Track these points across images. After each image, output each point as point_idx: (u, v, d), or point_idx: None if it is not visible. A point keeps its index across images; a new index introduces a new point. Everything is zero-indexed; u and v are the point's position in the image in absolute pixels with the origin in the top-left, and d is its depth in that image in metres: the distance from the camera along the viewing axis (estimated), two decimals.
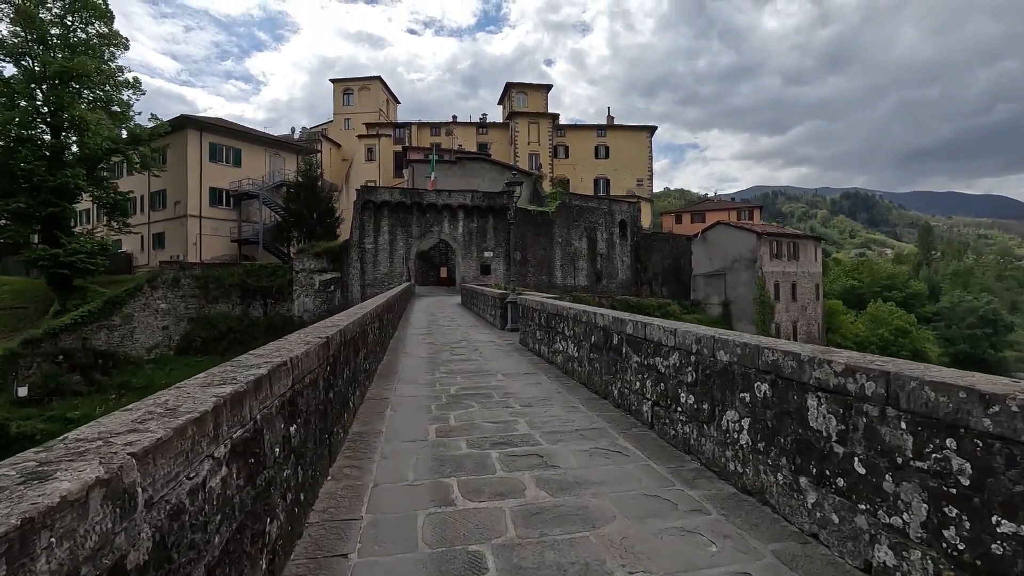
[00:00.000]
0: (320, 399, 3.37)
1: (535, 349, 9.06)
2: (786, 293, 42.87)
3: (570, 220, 42.24)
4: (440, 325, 14.53)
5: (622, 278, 45.84)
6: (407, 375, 7.19)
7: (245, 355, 2.71)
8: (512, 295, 12.81)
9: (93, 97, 35.59)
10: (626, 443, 4.19)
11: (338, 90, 64.09)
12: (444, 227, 36.88)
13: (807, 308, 44.60)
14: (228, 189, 42.71)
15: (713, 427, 3.49)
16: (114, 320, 34.84)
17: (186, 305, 38.14)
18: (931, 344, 62.75)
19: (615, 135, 63.60)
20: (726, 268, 43.33)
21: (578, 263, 42.40)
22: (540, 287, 38.06)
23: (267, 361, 2.52)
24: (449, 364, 8.06)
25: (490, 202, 37.13)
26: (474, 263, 37.34)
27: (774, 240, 42.00)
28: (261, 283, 39.88)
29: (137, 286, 36.03)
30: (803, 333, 43.96)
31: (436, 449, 4.14)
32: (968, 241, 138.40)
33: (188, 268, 38.39)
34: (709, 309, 44.64)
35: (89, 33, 34.79)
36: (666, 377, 4.22)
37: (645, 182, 64.18)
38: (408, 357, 8.82)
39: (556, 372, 7.28)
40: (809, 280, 45.11)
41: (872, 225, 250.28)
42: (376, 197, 35.41)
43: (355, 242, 35.89)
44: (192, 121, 41.13)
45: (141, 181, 43.16)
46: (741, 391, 3.20)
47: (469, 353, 9.20)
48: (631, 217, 46.43)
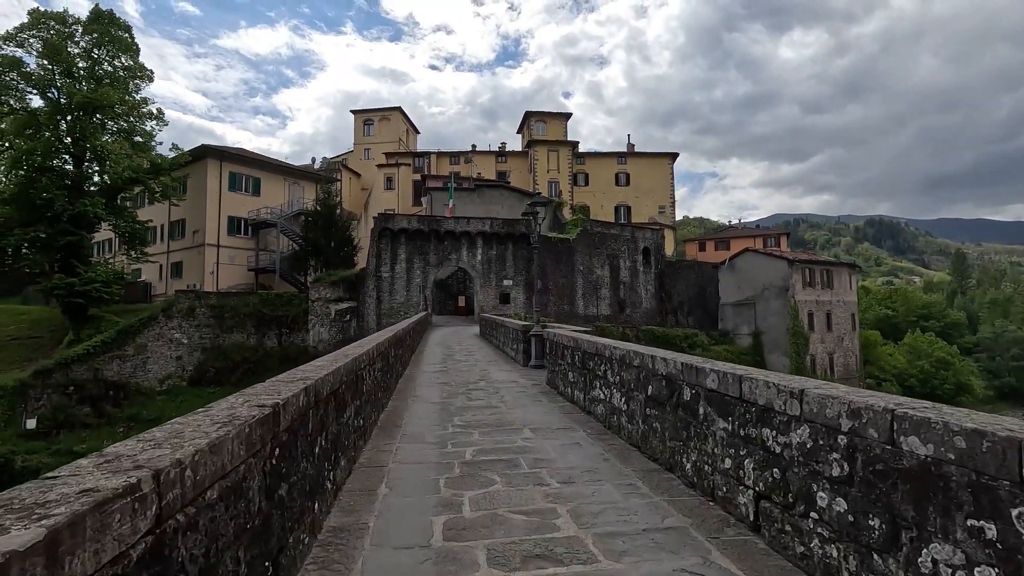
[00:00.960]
0: (248, 514, 2.07)
1: (567, 393, 7.67)
2: (821, 323, 40.71)
3: (591, 248, 41.00)
4: (456, 360, 13.21)
5: (646, 307, 44.18)
6: (413, 429, 5.87)
7: (64, 469, 1.43)
8: (536, 327, 11.48)
9: (117, 128, 35.95)
10: (727, 562, 2.79)
11: (358, 121, 64.70)
12: (462, 255, 35.90)
13: (843, 339, 42.26)
14: (246, 218, 42.57)
15: (899, 563, 2.09)
16: (127, 350, 34.28)
17: (200, 335, 37.57)
18: (976, 377, 59.25)
19: (636, 162, 62.76)
20: (756, 297, 41.44)
21: (600, 292, 40.94)
22: (561, 317, 36.64)
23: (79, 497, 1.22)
24: (465, 413, 6.72)
25: (509, 229, 36.15)
26: (493, 292, 36.17)
27: (807, 268, 40.10)
28: (276, 312, 39.28)
29: (151, 315, 35.57)
30: (840, 366, 41.53)
31: (443, 566, 2.80)
32: (1004, 268, 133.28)
33: (203, 297, 37.96)
34: (738, 340, 42.59)
35: (115, 66, 35.31)
36: (784, 461, 2.83)
37: (667, 209, 62.91)
38: (417, 402, 7.50)
39: (597, 427, 5.89)
40: (844, 309, 42.89)
41: (898, 253, 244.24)
42: (393, 225, 34.70)
43: (371, 271, 35.07)
44: (212, 151, 41.33)
45: (161, 210, 43.33)
46: (971, 516, 1.82)
47: (488, 398, 7.84)
48: (655, 244, 45.02)
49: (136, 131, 36.35)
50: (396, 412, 6.75)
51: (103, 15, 33.21)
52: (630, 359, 5.07)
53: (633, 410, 5.01)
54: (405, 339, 12.22)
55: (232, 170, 42.16)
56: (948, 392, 53.98)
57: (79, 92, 31.39)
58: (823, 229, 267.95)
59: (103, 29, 33.18)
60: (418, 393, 8.25)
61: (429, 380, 9.81)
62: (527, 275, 36.82)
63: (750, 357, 41.15)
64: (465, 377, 10.11)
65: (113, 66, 35.22)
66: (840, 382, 23.11)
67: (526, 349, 11.80)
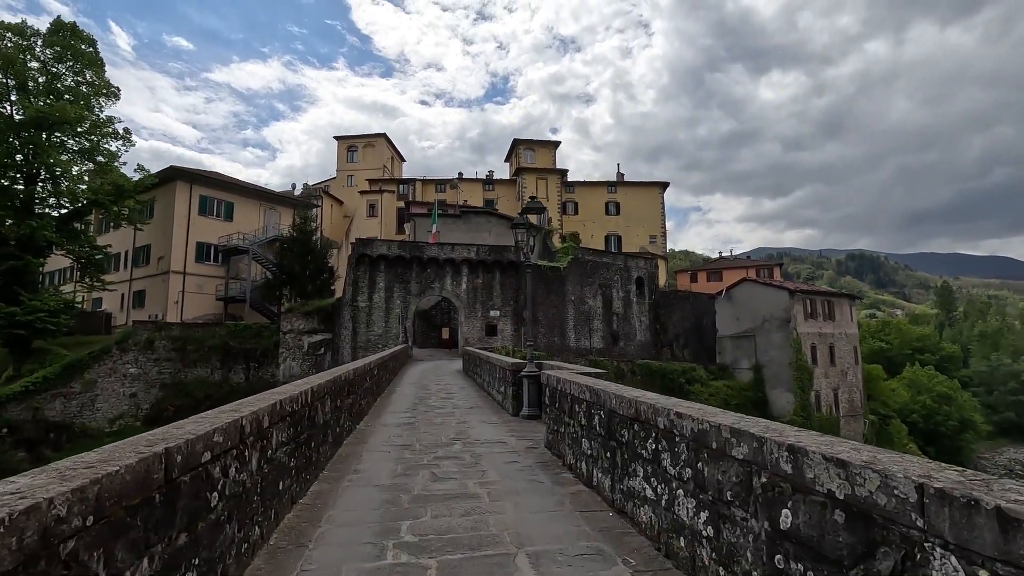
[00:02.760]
0: None
1: (579, 470, 5.21)
2: (823, 357, 38.61)
3: (583, 277, 38.87)
4: (430, 407, 10.66)
5: (640, 340, 41.89)
6: (329, 553, 3.40)
7: None
8: (529, 366, 9.06)
9: (79, 147, 33.59)
10: None
11: (342, 147, 62.96)
12: (446, 283, 33.51)
13: (847, 374, 40.15)
14: (217, 244, 39.92)
15: None
16: (73, 387, 31.04)
17: (159, 369, 34.50)
18: (977, 413, 57.38)
19: (626, 191, 61.52)
20: (755, 329, 39.36)
21: (593, 323, 38.62)
22: (552, 350, 34.17)
23: None
24: (423, 510, 4.21)
25: (497, 256, 33.95)
26: (479, 323, 33.68)
27: (808, 298, 38.22)
28: (245, 345, 36.43)
29: (104, 348, 32.46)
30: (845, 402, 39.28)
31: None
32: (990, 301, 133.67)
33: (165, 328, 35.00)
34: (738, 374, 40.30)
35: (78, 81, 33.16)
36: None
37: (658, 239, 61.44)
38: (355, 487, 4.97)
39: (641, 545, 3.45)
40: (847, 342, 40.92)
41: (879, 286, 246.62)
42: (372, 251, 32.33)
43: (347, 300, 32.49)
44: (182, 172, 38.93)
45: (126, 236, 40.62)
46: None
47: (464, 475, 5.32)
48: (648, 274, 43.06)
49: (99, 151, 33.93)
50: (313, 510, 4.24)
51: (65, 27, 31.18)
52: (722, 440, 2.68)
53: (736, 544, 2.59)
54: (367, 379, 9.72)
55: (203, 193, 39.71)
56: (952, 428, 51.99)
57: (32, 106, 29.05)
58: (806, 263, 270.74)
59: (64, 42, 31.10)
60: (362, 466, 5.71)
61: (387, 440, 7.28)
62: (515, 305, 34.47)
63: (751, 392, 38.82)
64: (436, 435, 7.59)
65: (76, 81, 33.06)
66: (845, 420, 20.85)
67: (516, 393, 9.35)
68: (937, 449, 48.25)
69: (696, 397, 37.01)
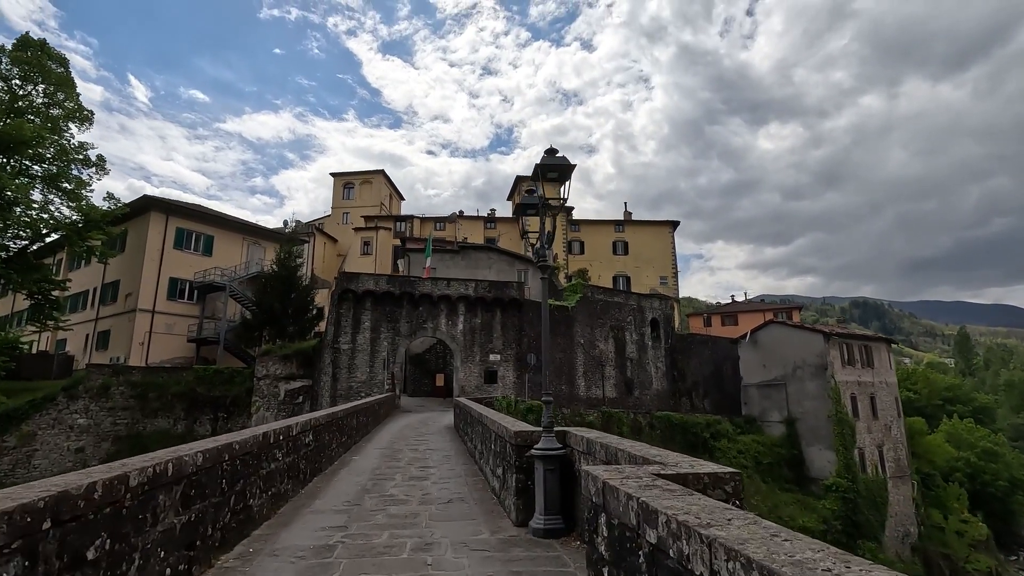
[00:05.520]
0: None
1: None
2: (865, 409, 34.24)
3: (593, 318, 35.11)
4: (386, 498, 6.75)
5: (657, 388, 37.67)
6: None
7: None
8: (545, 438, 5.25)
9: (43, 173, 30.77)
10: None
11: (338, 184, 60.55)
12: (440, 323, 29.76)
13: (891, 428, 35.62)
14: (192, 280, 36.46)
15: None
16: (7, 440, 26.88)
17: (115, 420, 30.35)
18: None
19: (634, 230, 58.50)
20: (786, 377, 35.19)
21: (605, 370, 34.55)
22: (560, 400, 30.04)
23: None
24: None
25: (497, 293, 30.34)
26: (477, 368, 29.71)
27: (844, 343, 34.22)
28: (213, 393, 32.32)
29: (48, 396, 28.41)
30: (891, 460, 34.58)
31: None
32: (1012, 349, 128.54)
33: (124, 372, 31.03)
34: (768, 428, 35.82)
35: (47, 103, 30.67)
36: None
37: (669, 280, 57.89)
38: None
39: None
40: (888, 392, 36.57)
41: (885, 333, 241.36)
42: (357, 286, 28.77)
43: (328, 341, 28.71)
44: (157, 202, 35.92)
45: (96, 272, 37.31)
46: None
47: None
48: (664, 315, 39.28)
49: (65, 177, 31.04)
50: None
51: (32, 44, 28.82)
52: None
53: None
54: (262, 461, 5.88)
55: (180, 225, 36.57)
56: (1002, 489, 46.71)
57: None
58: (810, 309, 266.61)
59: (32, 60, 28.70)
60: None
61: None
62: (518, 349, 30.58)
63: (784, 449, 34.25)
64: None
65: (45, 103, 30.55)
66: (893, 482, 15.17)
67: (523, 486, 5.49)
68: (985, 513, 43.06)
69: (723, 454, 32.48)
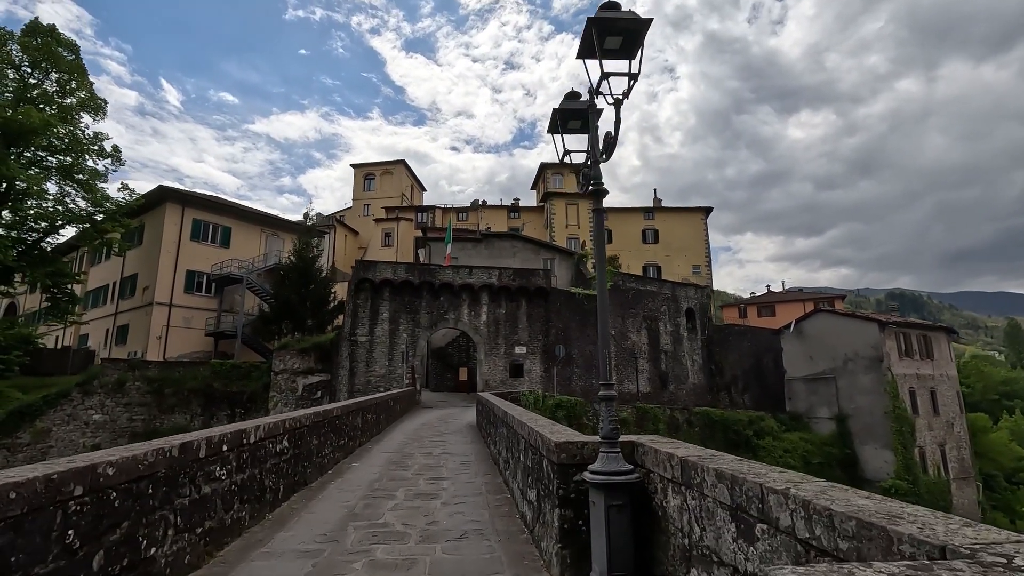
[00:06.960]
0: None
1: None
2: (925, 404, 31.35)
3: (625, 307, 32.96)
4: (378, 528, 4.99)
5: (693, 382, 35.35)
6: None
7: None
8: (609, 455, 3.35)
9: (58, 163, 30.06)
10: None
11: (359, 175, 59.42)
12: (462, 314, 28.06)
13: (953, 425, 32.63)
14: (209, 272, 35.56)
15: None
16: (20, 436, 26.19)
17: (131, 416, 29.56)
18: None
19: (664, 217, 55.77)
20: (836, 370, 32.48)
21: (639, 363, 32.41)
22: (589, 394, 28.08)
23: None
24: None
25: (523, 281, 28.48)
26: (502, 362, 27.93)
27: (901, 332, 31.33)
28: (230, 388, 31.31)
29: (62, 391, 27.69)
30: (954, 460, 31.66)
31: None
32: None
33: (140, 367, 30.21)
34: (815, 425, 33.18)
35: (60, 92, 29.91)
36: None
37: (702, 269, 55.04)
38: None
39: None
40: (949, 386, 33.54)
41: None
42: (375, 275, 27.25)
43: (346, 334, 27.28)
44: (173, 193, 35.04)
45: (117, 266, 36.77)
46: None
47: None
48: (700, 305, 36.86)
49: (80, 168, 30.26)
50: None
51: (41, 30, 27.97)
52: None
53: None
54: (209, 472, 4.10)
55: (197, 217, 35.68)
56: None
57: None
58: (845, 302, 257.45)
59: (40, 46, 27.85)
60: None
61: None
62: (544, 340, 28.68)
63: (835, 448, 31.61)
64: None
65: (57, 92, 29.77)
66: (956, 484, 11.92)
67: (570, 526, 3.61)
68: None
69: (768, 452, 30.08)
